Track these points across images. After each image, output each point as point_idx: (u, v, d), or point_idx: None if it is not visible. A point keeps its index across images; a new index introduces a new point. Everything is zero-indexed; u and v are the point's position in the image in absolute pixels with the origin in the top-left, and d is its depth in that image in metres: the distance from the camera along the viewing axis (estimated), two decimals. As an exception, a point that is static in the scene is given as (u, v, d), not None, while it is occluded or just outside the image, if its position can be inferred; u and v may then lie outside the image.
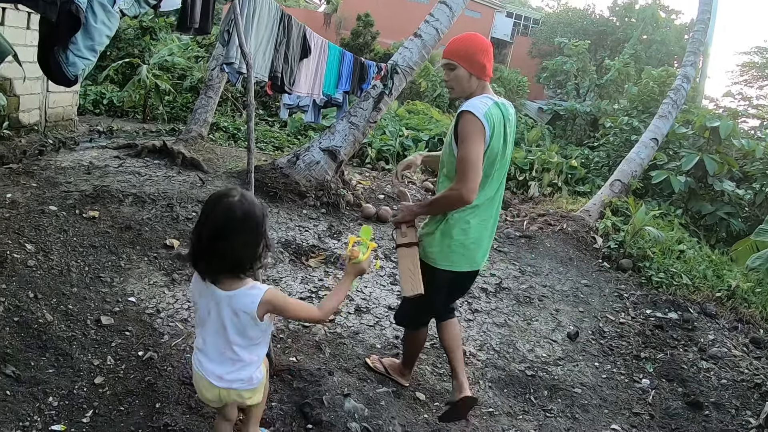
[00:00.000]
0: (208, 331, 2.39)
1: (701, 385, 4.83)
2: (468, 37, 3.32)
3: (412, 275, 3.34)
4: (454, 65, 3.28)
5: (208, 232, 2.24)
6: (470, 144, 3.11)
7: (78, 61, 3.02)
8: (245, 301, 2.30)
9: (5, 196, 5.55)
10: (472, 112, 3.13)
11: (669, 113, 11.40)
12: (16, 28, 7.03)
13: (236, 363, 2.40)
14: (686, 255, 7.95)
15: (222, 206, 2.25)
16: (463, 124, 3.15)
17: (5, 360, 3.43)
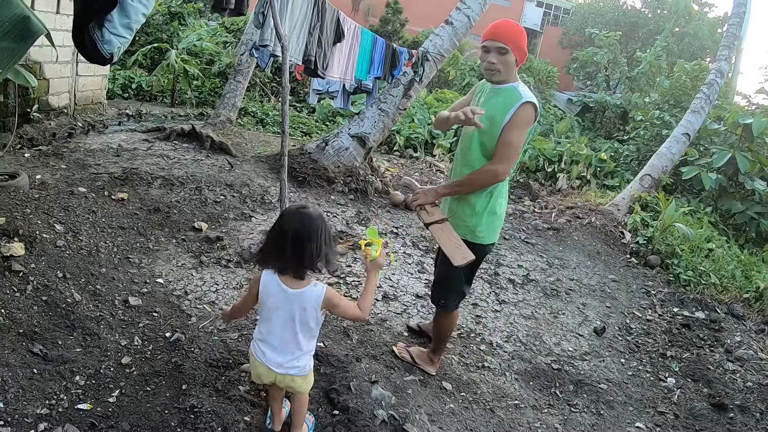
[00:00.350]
0: (275, 324, 2.69)
1: (726, 386, 4.71)
2: (516, 25, 3.40)
3: (457, 245, 3.45)
4: (506, 50, 3.35)
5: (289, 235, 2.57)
6: (521, 131, 3.33)
7: (114, 38, 2.99)
8: (312, 297, 2.64)
9: (35, 177, 5.57)
10: (535, 104, 3.33)
11: (701, 108, 11.15)
12: (46, 13, 7.05)
13: (296, 352, 2.73)
14: (715, 254, 7.76)
15: (302, 216, 2.61)
16: (523, 113, 3.30)
17: (33, 338, 3.44)
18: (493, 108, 3.38)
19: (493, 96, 3.45)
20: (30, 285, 3.84)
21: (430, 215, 3.56)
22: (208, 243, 5.18)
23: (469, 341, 4.63)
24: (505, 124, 3.32)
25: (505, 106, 3.34)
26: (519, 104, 3.29)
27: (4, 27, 2.75)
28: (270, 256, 2.65)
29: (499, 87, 3.44)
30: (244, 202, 6.22)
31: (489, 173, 3.36)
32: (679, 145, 10.66)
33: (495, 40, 3.34)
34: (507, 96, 3.37)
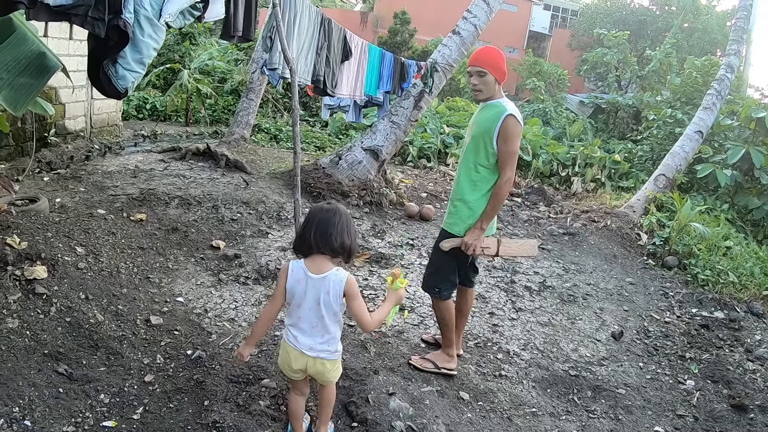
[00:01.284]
0: (304, 309, 2.86)
1: (747, 387, 4.67)
2: (494, 51, 3.91)
3: (522, 247, 4.29)
4: (484, 72, 3.85)
5: (314, 224, 2.82)
6: (515, 142, 3.77)
7: (128, 74, 3.09)
8: (335, 281, 2.82)
9: (55, 201, 5.69)
10: (516, 117, 3.76)
11: (713, 104, 11.10)
12: (60, 39, 7.21)
13: (325, 335, 2.89)
14: (733, 251, 7.71)
15: (327, 209, 2.87)
16: (510, 126, 3.73)
17: (58, 359, 3.53)
18: (485, 121, 3.86)
19: (483, 110, 3.95)
20: (54, 307, 3.93)
21: (492, 248, 3.97)
22: (226, 261, 5.27)
23: (486, 350, 4.66)
24: (497, 137, 3.77)
25: (494, 118, 3.79)
26: (504, 116, 3.74)
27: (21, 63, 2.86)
28: (300, 242, 2.88)
29: (487, 103, 3.93)
30: (260, 219, 6.31)
31: (506, 185, 3.84)
32: (693, 143, 10.62)
33: (475, 65, 3.86)
34: (494, 110, 3.84)
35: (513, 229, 7.94)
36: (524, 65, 25.00)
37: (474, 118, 4.05)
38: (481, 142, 3.85)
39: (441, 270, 4.05)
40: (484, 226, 3.88)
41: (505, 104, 3.83)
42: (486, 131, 3.81)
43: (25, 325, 3.68)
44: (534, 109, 18.27)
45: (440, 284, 4.04)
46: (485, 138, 3.82)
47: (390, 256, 6.14)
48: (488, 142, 3.80)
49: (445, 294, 4.04)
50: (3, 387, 3.18)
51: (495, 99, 3.90)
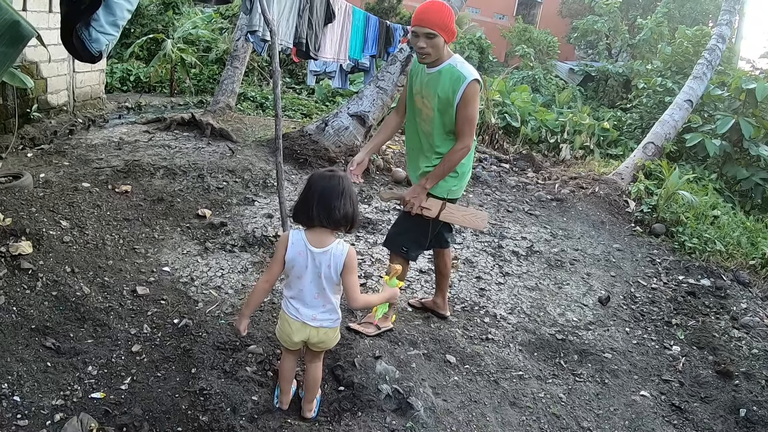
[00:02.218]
0: (305, 281, 2.85)
1: (732, 353, 4.73)
2: (441, 7, 3.53)
3: (471, 216, 3.99)
4: (434, 34, 3.50)
5: (316, 193, 2.77)
6: (475, 105, 3.60)
7: (101, 36, 3.04)
8: (337, 253, 2.81)
9: (39, 176, 5.64)
10: (478, 80, 3.58)
11: (704, 74, 11.03)
12: (39, 12, 7.07)
13: (326, 305, 2.92)
14: (720, 221, 7.77)
15: (330, 176, 2.83)
16: (472, 91, 3.55)
17: (45, 333, 3.52)
18: (444, 91, 3.61)
19: (437, 79, 3.64)
20: (39, 281, 3.92)
21: (432, 210, 3.82)
22: (213, 229, 5.25)
23: (473, 314, 4.69)
24: (458, 103, 3.58)
25: (453, 87, 3.57)
26: (466, 84, 3.52)
27: (-6, 33, 2.79)
28: (300, 212, 2.83)
29: (438, 69, 3.62)
30: (246, 187, 6.28)
31: (462, 150, 3.67)
32: (682, 111, 10.58)
33: (422, 26, 3.49)
34: (450, 77, 3.58)
35: (501, 194, 7.94)
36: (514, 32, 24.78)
37: (425, 85, 3.71)
38: (446, 114, 3.68)
39: (411, 231, 3.93)
40: (428, 186, 3.75)
41: (461, 67, 3.58)
42: (448, 102, 3.62)
43: (12, 301, 3.67)
44: (523, 76, 18.18)
45: (408, 244, 3.96)
46: (449, 108, 3.64)
47: (377, 221, 6.14)
48: (452, 111, 3.64)
49: (412, 255, 4.01)
50: (-9, 364, 3.19)
51: (444, 61, 3.61)
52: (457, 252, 5.79)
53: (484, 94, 11.42)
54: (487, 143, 10.94)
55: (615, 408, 3.88)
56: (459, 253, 5.78)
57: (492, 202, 7.53)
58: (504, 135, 11.40)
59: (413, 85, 3.84)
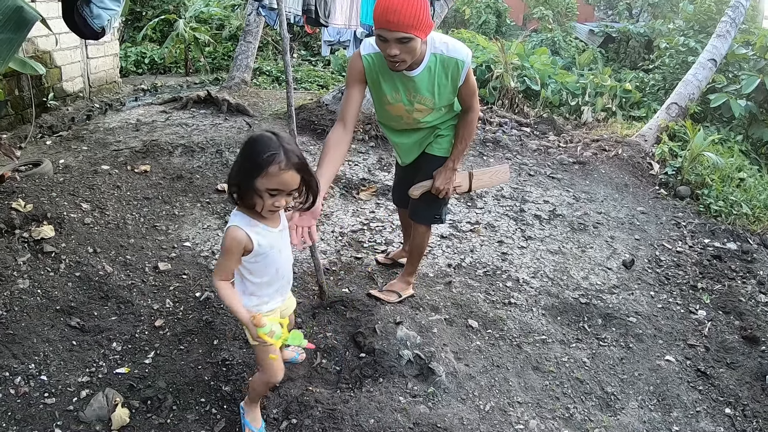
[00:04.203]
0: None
1: (759, 319, 4.62)
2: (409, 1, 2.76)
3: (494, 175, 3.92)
4: (408, 38, 2.81)
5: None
6: (473, 79, 3.24)
7: (102, 12, 3.03)
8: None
9: (58, 162, 5.68)
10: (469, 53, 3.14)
11: (727, 32, 10.68)
12: (48, 2, 7.09)
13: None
14: (747, 183, 7.55)
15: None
16: (471, 73, 3.19)
17: (70, 313, 3.58)
18: (442, 86, 3.21)
19: (426, 77, 3.17)
20: (63, 263, 3.96)
21: (463, 184, 3.70)
22: (232, 203, 5.27)
23: (495, 278, 4.65)
24: (459, 86, 3.22)
25: (453, 76, 3.17)
26: (466, 67, 3.13)
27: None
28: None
29: (424, 67, 3.12)
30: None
31: (476, 119, 3.39)
32: (706, 71, 10.28)
33: (391, 30, 2.78)
34: (444, 68, 3.14)
35: (522, 158, 7.84)
36: (531, -6, 24.41)
37: (409, 90, 3.22)
38: (447, 101, 3.32)
39: (436, 200, 3.63)
40: (456, 166, 3.46)
41: (450, 51, 3.09)
42: (451, 93, 3.26)
43: (36, 284, 3.73)
44: (542, 39, 17.87)
45: (439, 211, 3.72)
46: (451, 97, 3.30)
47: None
48: (453, 96, 3.29)
49: (444, 218, 3.80)
50: (18, 346, 3.25)
51: (425, 54, 3.07)
52: (479, 217, 5.74)
53: (502, 58, 11.26)
54: (507, 107, 10.78)
55: (639, 373, 3.84)
56: (480, 218, 5.73)
57: (513, 166, 7.44)
58: (524, 99, 11.22)
59: (383, 94, 3.28)
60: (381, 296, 3.86)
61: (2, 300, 3.53)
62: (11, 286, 3.65)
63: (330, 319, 3.64)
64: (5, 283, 3.67)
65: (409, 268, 3.98)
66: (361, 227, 5.14)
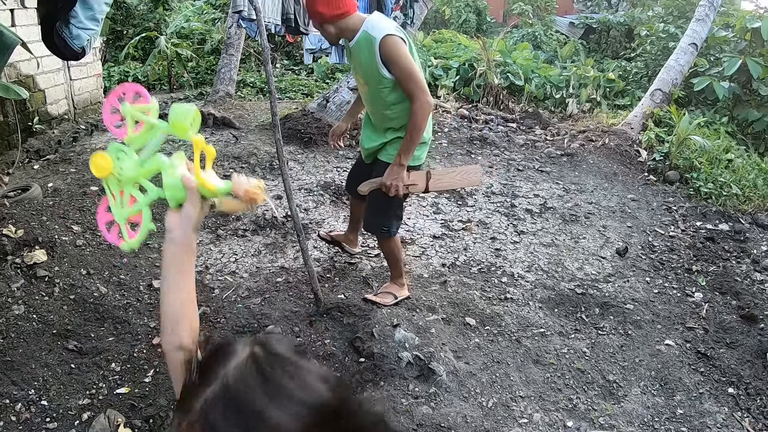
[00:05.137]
0: None
1: (755, 297, 4.65)
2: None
3: (460, 175, 3.70)
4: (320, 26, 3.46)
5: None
6: (405, 60, 3.28)
7: (81, 32, 3.03)
8: None
9: (47, 186, 5.66)
10: (391, 35, 3.27)
11: (706, 15, 10.71)
12: (28, 26, 7.07)
13: None
14: (735, 164, 7.60)
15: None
16: (388, 46, 3.26)
17: (67, 336, 3.57)
18: (366, 60, 3.40)
19: (358, 50, 3.44)
20: (57, 287, 3.95)
21: (419, 183, 3.59)
22: (223, 216, 5.26)
23: (490, 275, 4.66)
24: (383, 65, 3.34)
25: (370, 52, 3.34)
26: (377, 43, 3.28)
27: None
28: None
29: (356, 40, 3.42)
30: (253, 172, 6.27)
31: (422, 109, 3.34)
32: (687, 55, 10.32)
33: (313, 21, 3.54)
34: (366, 43, 3.35)
35: (510, 154, 7.87)
36: (509, -11, 24.47)
37: (352, 61, 3.60)
38: (378, 85, 3.44)
39: (391, 207, 3.71)
40: (404, 162, 3.43)
41: (372, 29, 3.32)
42: (372, 72, 3.40)
43: (31, 309, 3.71)
44: (523, 34, 17.91)
45: (387, 223, 3.75)
46: (378, 78, 3.40)
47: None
48: (382, 79, 3.39)
49: (393, 231, 3.78)
50: (17, 372, 3.24)
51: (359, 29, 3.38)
52: (470, 215, 5.76)
53: (484, 56, 11.30)
54: (492, 104, 10.81)
55: (640, 359, 3.86)
56: (472, 215, 5.75)
57: (502, 163, 7.47)
58: (508, 95, 11.26)
59: (351, 65, 3.72)
60: (377, 300, 3.88)
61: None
62: (6, 312, 3.63)
63: (327, 326, 3.64)
64: (0, 310, 3.65)
65: (393, 273, 4.02)
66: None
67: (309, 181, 6.13)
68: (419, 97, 3.32)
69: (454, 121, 9.24)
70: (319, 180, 6.23)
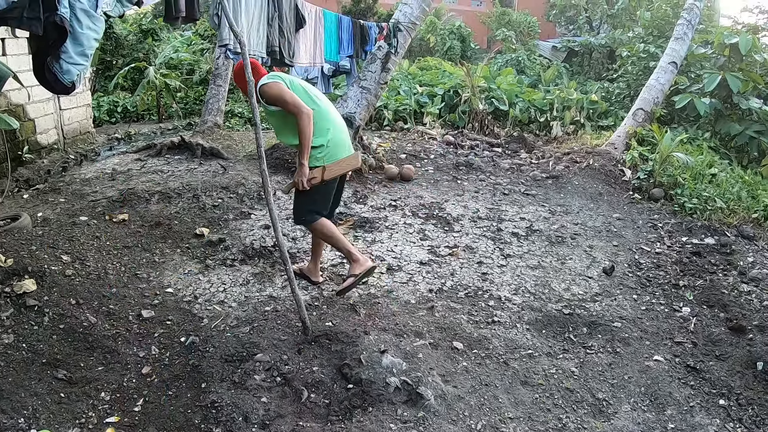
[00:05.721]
0: None
1: (743, 308, 4.72)
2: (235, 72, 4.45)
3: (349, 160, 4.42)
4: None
5: None
6: (280, 93, 4.10)
7: (72, 68, 3.08)
8: None
9: (37, 216, 5.68)
10: (264, 82, 4.14)
11: (684, 34, 10.99)
12: (19, 56, 7.15)
13: None
14: (718, 178, 7.75)
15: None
16: (266, 92, 4.14)
17: (56, 366, 3.58)
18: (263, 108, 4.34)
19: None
20: (46, 316, 3.96)
21: (317, 176, 4.23)
22: (212, 246, 5.30)
23: (477, 299, 4.71)
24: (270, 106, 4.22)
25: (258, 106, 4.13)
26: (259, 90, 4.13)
27: (-29, 79, 2.84)
28: None
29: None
30: (242, 202, 6.32)
31: (301, 121, 4.07)
32: (667, 74, 10.56)
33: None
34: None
35: (495, 178, 7.97)
36: (493, 17, 24.70)
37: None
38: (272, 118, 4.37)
39: (303, 202, 4.35)
40: (303, 161, 4.16)
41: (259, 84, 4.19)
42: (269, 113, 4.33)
43: (21, 339, 3.73)
44: (507, 60, 18.13)
45: (305, 215, 4.37)
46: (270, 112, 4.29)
47: (374, 219, 6.17)
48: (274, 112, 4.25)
49: (308, 218, 4.35)
50: (6, 401, 3.25)
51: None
52: (457, 240, 5.82)
53: (469, 82, 11.45)
54: (477, 130, 10.96)
55: (629, 376, 3.91)
56: (458, 240, 5.81)
57: (488, 187, 7.56)
58: (493, 120, 11.41)
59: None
60: (346, 285, 4.34)
61: (-13, 357, 3.53)
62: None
63: (315, 353, 3.67)
64: (-11, 340, 3.67)
65: (343, 253, 4.48)
66: (340, 260, 5.18)
67: (296, 210, 6.18)
68: (299, 115, 4.07)
69: (440, 147, 9.35)
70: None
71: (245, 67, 3.89)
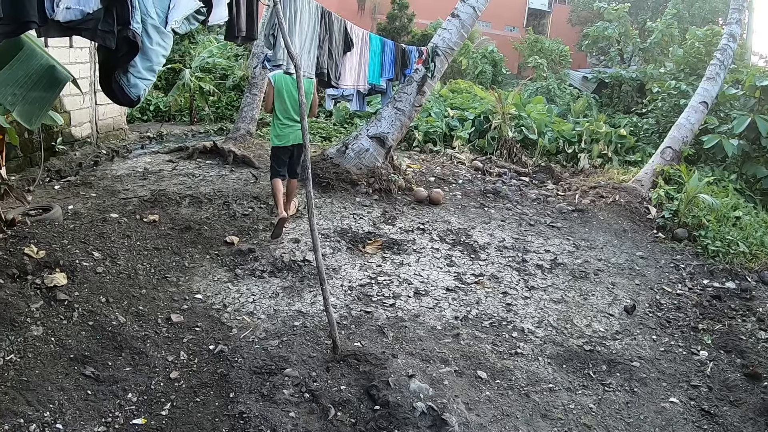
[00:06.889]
0: None
1: (760, 355, 4.72)
2: None
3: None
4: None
5: None
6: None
7: (139, 82, 3.13)
8: None
9: (68, 208, 5.76)
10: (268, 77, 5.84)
11: (717, 75, 11.00)
12: (60, 48, 7.27)
13: None
14: (743, 221, 7.72)
15: None
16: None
17: (84, 362, 3.63)
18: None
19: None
20: (76, 312, 4.02)
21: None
22: (241, 256, 5.34)
23: (501, 329, 4.72)
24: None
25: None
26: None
27: (32, 78, 2.90)
28: None
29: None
30: (272, 213, 6.37)
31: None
32: (698, 114, 10.55)
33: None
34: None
35: (522, 208, 7.98)
36: (525, 44, 24.82)
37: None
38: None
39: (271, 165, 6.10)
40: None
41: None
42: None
43: (50, 332, 3.78)
44: (537, 87, 18.20)
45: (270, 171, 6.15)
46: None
47: (402, 241, 6.20)
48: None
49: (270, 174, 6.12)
50: (33, 393, 3.29)
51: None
52: (483, 269, 5.83)
53: (499, 109, 11.48)
54: (506, 157, 10.97)
55: (645, 416, 3.91)
56: (484, 269, 5.82)
57: (514, 217, 7.57)
58: (522, 148, 11.43)
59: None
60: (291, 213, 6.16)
61: (16, 346, 3.58)
62: (24, 332, 3.70)
63: (343, 372, 3.69)
64: (19, 329, 3.71)
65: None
66: (369, 281, 5.23)
67: (326, 227, 6.23)
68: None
69: (468, 173, 9.37)
70: (336, 226, 6.33)
71: (299, 90, 3.94)
